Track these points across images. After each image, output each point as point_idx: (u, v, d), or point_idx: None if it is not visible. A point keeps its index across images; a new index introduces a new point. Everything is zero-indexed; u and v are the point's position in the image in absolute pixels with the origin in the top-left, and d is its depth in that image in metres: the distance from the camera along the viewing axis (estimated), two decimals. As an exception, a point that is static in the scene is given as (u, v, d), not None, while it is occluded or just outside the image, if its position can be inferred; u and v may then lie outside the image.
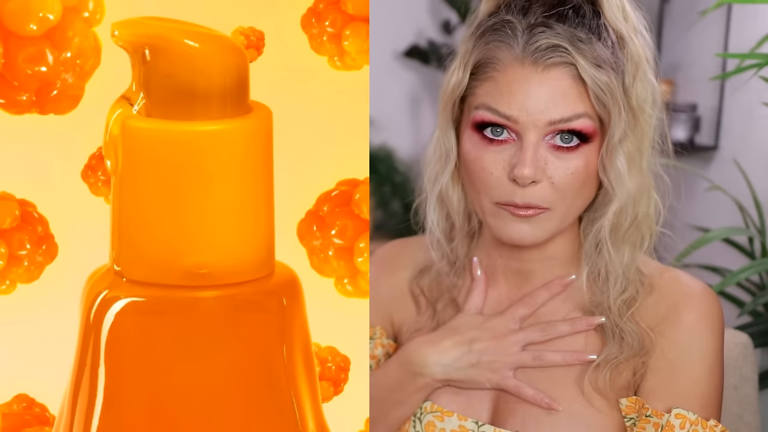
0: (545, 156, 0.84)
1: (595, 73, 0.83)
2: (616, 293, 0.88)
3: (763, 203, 2.05)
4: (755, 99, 2.12)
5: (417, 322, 0.97)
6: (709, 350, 0.87)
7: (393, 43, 3.03)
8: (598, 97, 0.83)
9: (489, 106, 0.85)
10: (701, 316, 0.88)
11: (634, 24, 0.87)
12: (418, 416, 0.92)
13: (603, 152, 0.85)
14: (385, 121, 2.89)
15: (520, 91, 0.84)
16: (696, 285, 0.90)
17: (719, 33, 2.55)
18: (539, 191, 0.84)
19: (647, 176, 0.89)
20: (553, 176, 0.84)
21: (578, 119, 0.84)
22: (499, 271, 0.94)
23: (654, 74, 0.88)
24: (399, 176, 2.97)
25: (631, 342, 0.87)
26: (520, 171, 0.83)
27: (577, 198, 0.86)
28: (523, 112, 0.84)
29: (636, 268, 0.89)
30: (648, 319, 0.88)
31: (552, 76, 0.83)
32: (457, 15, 2.96)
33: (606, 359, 0.88)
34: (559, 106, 0.83)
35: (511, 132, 0.85)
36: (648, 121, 0.87)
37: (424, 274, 0.97)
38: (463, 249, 0.95)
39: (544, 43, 0.83)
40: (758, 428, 1.27)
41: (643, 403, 0.87)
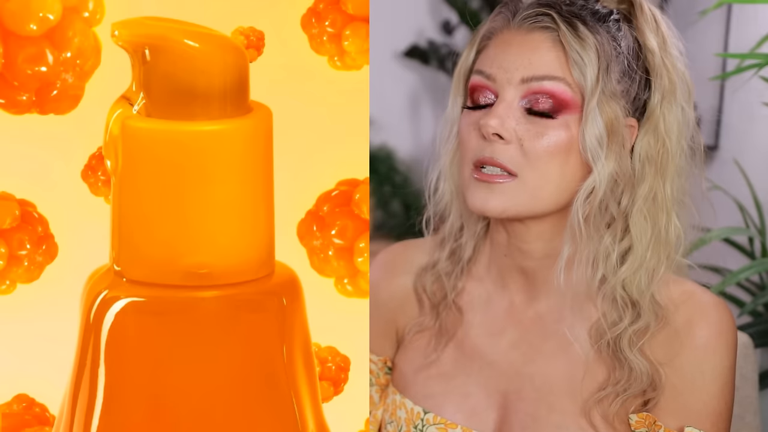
0: (518, 117, 0.84)
1: (576, 42, 0.84)
2: (627, 320, 0.86)
3: (763, 203, 2.04)
4: (755, 99, 2.12)
5: (420, 323, 0.96)
6: (723, 367, 0.86)
7: (393, 43, 3.03)
8: (577, 64, 0.83)
9: (478, 69, 0.87)
10: (715, 332, 0.86)
11: (671, 50, 0.87)
12: (420, 428, 0.92)
13: (582, 123, 0.84)
14: (385, 121, 2.89)
15: (501, 51, 0.86)
16: (709, 299, 0.88)
17: (719, 33, 2.55)
18: (507, 151, 0.84)
19: (667, 200, 0.87)
20: (524, 138, 0.84)
21: (552, 81, 0.84)
22: (506, 273, 0.93)
23: (687, 104, 0.87)
24: (399, 176, 2.97)
25: (640, 375, 0.85)
26: (485, 121, 0.84)
27: (548, 170, 0.84)
28: (500, 70, 0.85)
29: (651, 297, 0.87)
30: (659, 355, 0.86)
31: (533, 38, 0.85)
32: (457, 15, 2.96)
33: (615, 391, 0.86)
34: (533, 65, 0.84)
35: (492, 95, 0.86)
36: (675, 146, 0.87)
37: (427, 272, 0.97)
38: (468, 250, 0.94)
39: (533, 11, 0.85)
40: (758, 428, 1.26)
41: (654, 419, 0.86)
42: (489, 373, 0.91)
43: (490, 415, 0.90)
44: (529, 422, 0.88)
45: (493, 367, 0.92)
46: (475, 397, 0.91)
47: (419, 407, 0.92)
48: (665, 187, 0.87)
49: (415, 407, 0.93)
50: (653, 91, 0.86)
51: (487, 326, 0.93)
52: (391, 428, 0.94)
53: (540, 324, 0.91)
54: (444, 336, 0.94)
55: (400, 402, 0.94)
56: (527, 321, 0.92)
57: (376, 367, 0.98)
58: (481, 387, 0.91)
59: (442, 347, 0.94)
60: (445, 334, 0.94)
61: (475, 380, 0.92)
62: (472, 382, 0.92)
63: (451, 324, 0.94)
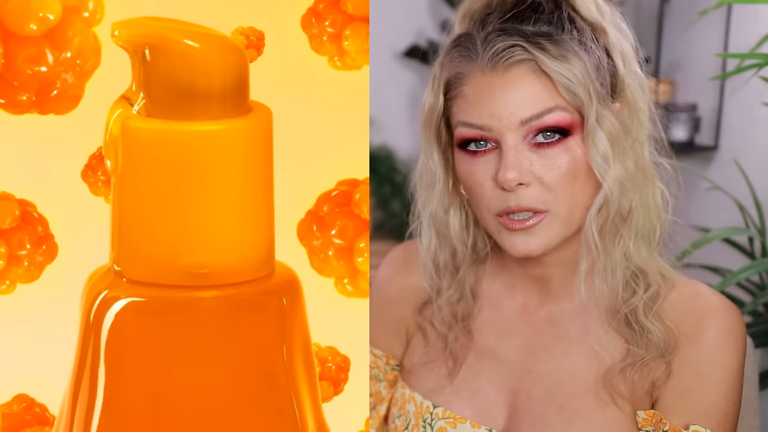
0: (529, 157, 0.83)
1: (557, 65, 0.82)
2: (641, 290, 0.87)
3: (763, 203, 2.04)
4: (755, 99, 2.12)
5: (427, 353, 0.95)
6: (731, 368, 0.86)
7: (393, 43, 3.03)
8: (567, 87, 0.83)
9: (464, 121, 0.85)
10: (724, 332, 0.86)
11: (611, 17, 0.87)
12: (429, 422, 0.91)
13: (586, 142, 0.84)
14: (385, 121, 2.89)
15: (486, 99, 0.83)
16: (719, 300, 0.88)
17: (719, 33, 2.55)
18: (531, 193, 0.83)
19: (648, 167, 0.87)
20: (542, 176, 0.83)
21: (550, 113, 0.83)
22: (518, 281, 0.93)
23: (639, 66, 0.88)
24: (399, 176, 2.97)
25: (657, 341, 0.86)
26: (503, 175, 0.83)
27: (573, 195, 0.84)
28: (494, 119, 0.83)
29: (654, 262, 0.88)
30: (672, 316, 0.87)
31: (512, 76, 0.83)
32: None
33: (633, 361, 0.86)
34: (526, 104, 0.83)
35: (491, 141, 0.84)
36: (642, 110, 0.87)
37: (431, 305, 0.95)
38: (471, 278, 0.94)
39: (500, 46, 0.83)
40: (758, 428, 1.26)
41: (661, 417, 0.86)
42: (500, 371, 0.91)
43: (499, 412, 0.90)
44: (538, 420, 0.88)
45: (504, 365, 0.92)
46: (485, 393, 0.91)
47: (428, 401, 0.92)
48: (643, 152, 0.87)
49: (424, 401, 0.93)
50: (617, 66, 0.86)
51: (498, 327, 0.93)
52: (399, 422, 0.94)
53: (552, 325, 0.91)
54: (456, 363, 0.93)
55: (410, 396, 0.94)
56: (539, 322, 0.92)
57: (382, 362, 0.98)
58: (491, 384, 0.91)
59: (455, 374, 0.93)
60: (457, 360, 0.93)
61: (486, 377, 0.92)
62: (483, 379, 0.92)
63: (460, 349, 0.93)
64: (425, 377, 0.94)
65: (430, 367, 0.94)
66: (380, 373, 0.98)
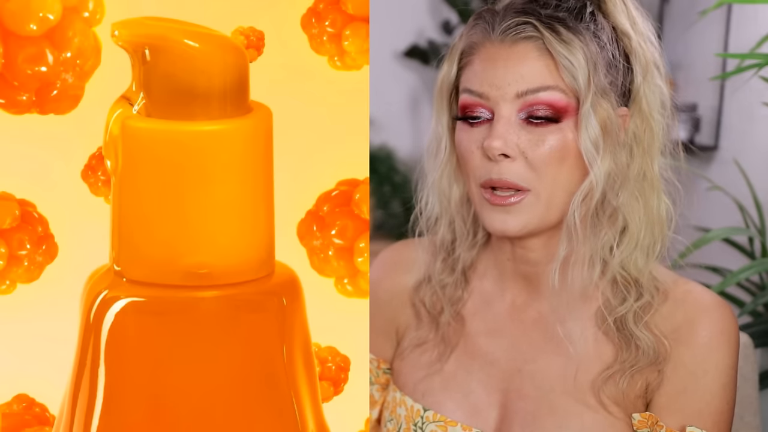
0: (519, 131, 0.84)
1: (562, 47, 0.83)
2: (632, 299, 0.87)
3: (763, 203, 2.04)
4: (755, 99, 2.12)
5: (418, 336, 0.96)
6: (724, 366, 0.86)
7: (393, 43, 3.03)
8: (568, 69, 0.83)
9: (466, 88, 0.87)
10: (716, 331, 0.86)
11: (641, 27, 0.87)
12: (420, 425, 0.91)
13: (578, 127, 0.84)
14: (385, 121, 2.89)
15: (489, 68, 0.85)
16: (711, 298, 0.88)
17: (719, 33, 2.55)
18: (514, 167, 0.84)
19: (656, 179, 0.88)
20: (527, 151, 0.84)
21: (547, 91, 0.84)
22: (509, 276, 0.93)
23: (662, 80, 0.88)
24: (399, 176, 2.97)
25: (647, 350, 0.86)
26: (489, 143, 0.84)
27: (557, 178, 0.84)
28: (492, 88, 0.85)
29: (650, 273, 0.88)
30: (663, 328, 0.87)
31: (518, 50, 0.84)
32: (457, 15, 2.96)
33: (622, 368, 0.86)
34: (525, 78, 0.84)
35: (487, 111, 0.85)
36: (658, 124, 0.87)
37: (424, 285, 0.96)
38: (467, 260, 0.94)
39: (513, 21, 0.85)
40: (758, 428, 1.26)
41: (657, 419, 0.86)
42: (490, 372, 0.91)
43: (490, 414, 0.90)
44: (529, 421, 0.88)
45: (494, 365, 0.92)
46: (476, 395, 0.91)
47: (419, 405, 0.92)
48: (653, 165, 0.87)
49: (415, 405, 0.93)
50: (635, 74, 0.87)
51: (487, 326, 0.93)
52: (391, 426, 0.94)
53: (541, 324, 0.91)
54: (447, 347, 0.94)
55: (400, 399, 0.94)
56: (529, 321, 0.92)
57: (373, 366, 0.98)
58: (481, 385, 0.91)
59: (446, 358, 0.93)
60: (449, 344, 0.94)
61: (475, 378, 0.92)
62: (473, 380, 0.92)
63: (453, 334, 0.94)
64: (416, 361, 0.94)
65: (422, 350, 0.94)
66: (372, 376, 0.98)
